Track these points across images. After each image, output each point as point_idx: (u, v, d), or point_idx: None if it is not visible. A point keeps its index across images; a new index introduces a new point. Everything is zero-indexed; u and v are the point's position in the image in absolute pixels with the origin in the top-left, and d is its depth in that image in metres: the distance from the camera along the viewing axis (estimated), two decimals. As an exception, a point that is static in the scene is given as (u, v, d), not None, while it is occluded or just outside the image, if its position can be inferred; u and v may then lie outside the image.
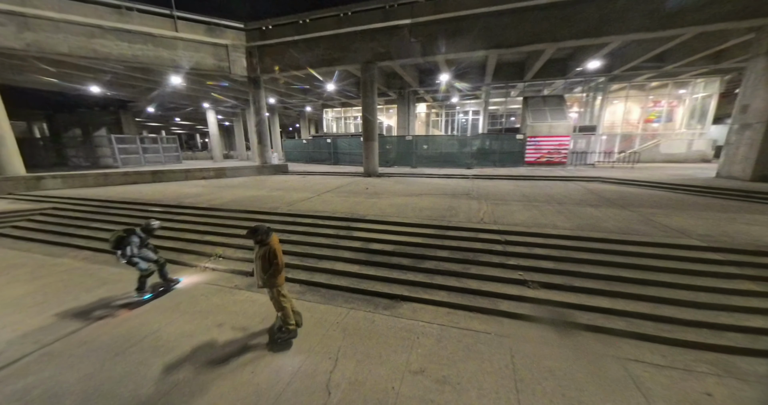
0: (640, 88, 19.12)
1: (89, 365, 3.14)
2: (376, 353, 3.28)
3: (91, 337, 3.61)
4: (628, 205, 7.53)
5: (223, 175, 14.96)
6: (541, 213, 6.79)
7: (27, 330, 3.72)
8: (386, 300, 4.35)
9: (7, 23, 10.08)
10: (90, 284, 4.94)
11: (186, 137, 59.07)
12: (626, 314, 3.75)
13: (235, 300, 4.45)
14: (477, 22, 11.15)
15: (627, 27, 9.82)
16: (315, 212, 6.99)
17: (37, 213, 8.45)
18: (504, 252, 5.03)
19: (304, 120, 33.79)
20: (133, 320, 3.93)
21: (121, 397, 2.73)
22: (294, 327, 3.49)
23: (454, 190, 10.12)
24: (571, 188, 10.27)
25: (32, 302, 4.37)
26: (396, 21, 12.01)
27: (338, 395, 2.73)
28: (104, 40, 11.62)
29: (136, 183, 12.76)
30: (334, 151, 20.67)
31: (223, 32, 14.15)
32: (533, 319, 3.79)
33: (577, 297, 4.05)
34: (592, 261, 4.64)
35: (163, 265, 4.74)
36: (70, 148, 23.01)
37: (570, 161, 16.57)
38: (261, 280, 3.31)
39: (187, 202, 8.43)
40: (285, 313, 3.42)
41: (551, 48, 12.43)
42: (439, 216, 6.55)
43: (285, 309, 3.42)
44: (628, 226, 5.66)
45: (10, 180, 10.77)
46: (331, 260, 5.32)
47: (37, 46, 10.64)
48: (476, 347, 3.36)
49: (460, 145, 17.15)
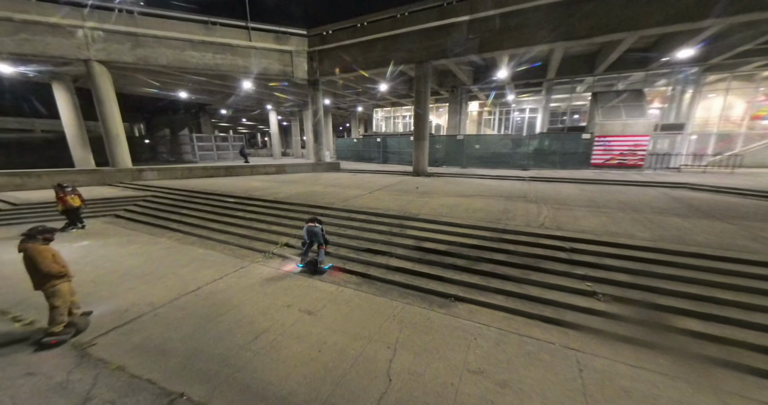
0: (747, 79, 15.99)
1: (188, 328, 3.74)
2: (433, 348, 3.34)
3: (187, 304, 4.28)
4: (726, 216, 6.44)
5: (282, 171, 16.27)
6: (612, 220, 6.16)
7: (142, 294, 4.55)
8: (440, 298, 4.39)
9: (124, 42, 12.24)
10: (183, 261, 5.82)
11: (249, 136, 65.22)
12: (724, 341, 3.26)
13: (299, 285, 4.87)
14: (543, 14, 10.41)
15: (735, 7, 8.31)
16: (368, 209, 7.27)
17: (140, 199, 10.15)
18: (569, 260, 4.70)
19: (355, 119, 34.92)
20: (219, 294, 4.56)
21: (215, 359, 3.21)
22: (60, 329, 3.41)
23: (508, 192, 9.65)
24: (650, 195, 9.08)
25: (143, 272, 5.31)
26: (453, 18, 11.79)
27: (399, 383, 2.86)
28: (193, 52, 13.42)
29: (213, 177, 14.54)
30: (384, 150, 21.05)
31: (288, 39, 15.34)
32: (605, 333, 3.51)
33: (659, 316, 3.63)
34: (678, 277, 4.11)
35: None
36: (161, 145, 27.06)
37: (648, 164, 14.58)
38: (32, 282, 3.36)
39: (256, 194, 9.37)
40: (53, 313, 3.40)
41: (631, 37, 11.05)
42: (494, 218, 6.34)
43: (55, 309, 3.40)
44: (728, 241, 4.86)
45: (122, 171, 13.09)
46: (385, 256, 5.50)
47: (144, 60, 12.73)
48: (539, 355, 3.23)
49: (515, 145, 16.21)
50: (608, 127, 14.55)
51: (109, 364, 3.12)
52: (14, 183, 11.07)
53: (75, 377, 2.94)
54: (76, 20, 11.39)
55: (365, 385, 2.84)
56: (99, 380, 2.91)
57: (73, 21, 11.35)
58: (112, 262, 5.71)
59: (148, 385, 2.86)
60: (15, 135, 29.34)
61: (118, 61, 12.40)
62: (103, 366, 3.10)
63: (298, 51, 15.54)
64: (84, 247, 6.51)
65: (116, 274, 5.23)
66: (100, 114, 12.55)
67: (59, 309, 3.42)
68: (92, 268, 5.39)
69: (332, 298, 4.46)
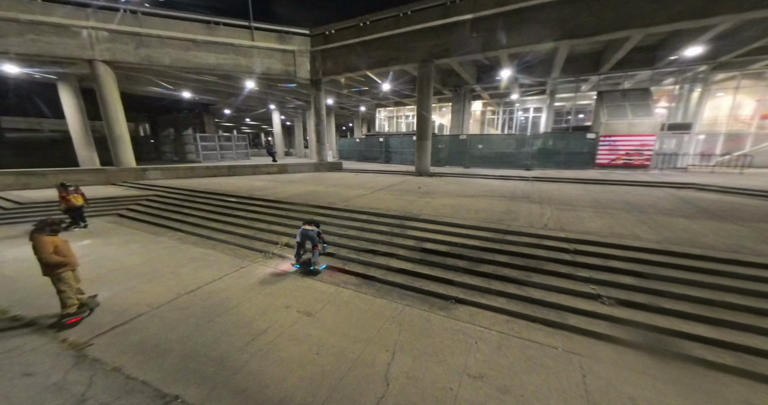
0: (758, 78, 15.67)
1: (186, 328, 3.71)
2: (432, 352, 3.28)
3: (186, 304, 4.26)
4: (736, 218, 6.28)
5: (285, 171, 16.27)
6: (618, 221, 6.04)
7: (142, 294, 4.54)
8: (441, 300, 4.32)
9: (129, 42, 12.32)
10: (183, 260, 5.81)
11: (252, 136, 65.53)
12: (734, 347, 3.16)
13: (298, 285, 4.83)
14: (547, 11, 10.28)
15: (749, 2, 8.11)
16: (370, 209, 7.21)
17: (143, 199, 10.19)
18: (573, 262, 4.60)
19: (358, 119, 34.90)
20: (218, 295, 4.53)
21: (212, 361, 3.17)
22: (74, 310, 3.80)
23: (511, 192, 9.54)
24: (657, 195, 8.91)
25: (143, 271, 5.31)
26: (456, 17, 11.69)
27: (397, 387, 2.80)
28: (196, 52, 13.47)
29: (216, 176, 14.58)
30: (386, 150, 20.98)
31: (291, 39, 15.33)
32: (609, 338, 3.41)
33: (667, 320, 3.53)
34: (687, 281, 4.00)
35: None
36: (165, 145, 27.26)
37: (654, 164, 14.35)
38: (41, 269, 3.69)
39: (257, 194, 9.36)
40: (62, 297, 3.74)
41: (638, 35, 10.87)
42: (496, 219, 6.25)
43: (62, 293, 3.73)
44: (738, 244, 4.73)
45: (125, 170, 13.17)
46: (385, 256, 5.44)
47: (148, 60, 12.80)
48: (541, 360, 3.15)
49: (519, 144, 16.05)
50: (614, 127, 14.35)
51: (106, 365, 3.10)
52: (21, 182, 11.19)
53: (71, 378, 2.92)
54: (81, 20, 11.48)
55: (363, 390, 2.78)
56: (95, 381, 2.89)
57: (78, 21, 11.44)
58: (113, 261, 5.72)
59: (144, 387, 2.83)
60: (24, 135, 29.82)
61: (122, 61, 12.48)
62: (100, 367, 3.08)
63: (301, 51, 15.53)
64: (86, 246, 6.54)
65: (116, 273, 5.24)
66: (104, 114, 12.63)
67: (66, 293, 3.75)
68: (93, 267, 5.40)
69: (331, 299, 4.41)
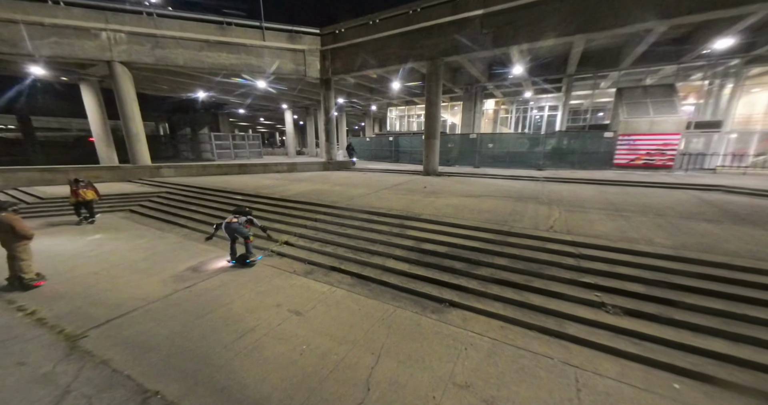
0: (797, 71, 14.48)
1: (177, 324, 3.73)
2: (419, 357, 3.15)
3: (180, 300, 4.30)
4: (766, 223, 5.78)
5: (294, 169, 16.43)
6: (631, 225, 5.68)
7: (139, 288, 4.62)
8: (434, 303, 4.17)
9: (145, 43, 12.73)
10: (185, 257, 5.91)
11: (267, 135, 66.82)
12: (754, 366, 2.86)
13: (292, 284, 4.80)
14: (560, 4, 9.84)
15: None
16: (371, 208, 7.12)
17: (155, 195, 10.51)
18: (577, 267, 4.34)
19: (369, 118, 34.89)
20: (213, 291, 4.56)
21: (197, 357, 3.17)
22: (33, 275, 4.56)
23: (520, 192, 9.21)
24: (679, 198, 8.37)
25: (144, 267, 5.43)
26: (466, 13, 11.39)
27: (377, 393, 2.70)
28: (209, 52, 13.77)
29: (227, 174, 14.88)
30: (396, 149, 20.84)
31: (301, 38, 15.42)
32: (611, 349, 3.17)
33: (677, 333, 3.25)
34: (702, 290, 3.68)
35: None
36: (182, 143, 28.16)
37: (678, 165, 13.54)
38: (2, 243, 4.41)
39: (263, 192, 9.46)
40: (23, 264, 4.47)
41: (662, 27, 10.24)
42: (500, 220, 6.02)
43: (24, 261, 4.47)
44: (765, 251, 4.32)
45: (140, 168, 13.66)
46: (382, 256, 5.34)
47: (163, 60, 13.19)
48: (533, 371, 2.96)
49: (532, 144, 15.54)
50: (633, 125, 13.63)
51: (95, 358, 3.15)
52: (45, 178, 11.79)
53: (60, 369, 2.98)
54: (101, 23, 11.95)
55: (341, 394, 2.69)
56: (81, 373, 2.93)
57: (98, 24, 11.92)
58: (118, 256, 5.88)
59: (127, 381, 2.85)
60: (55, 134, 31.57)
61: (138, 62, 12.91)
62: (89, 359, 3.13)
63: (311, 50, 15.60)
64: (95, 241, 6.77)
65: (119, 267, 5.38)
66: (121, 113, 13.11)
67: (27, 261, 4.50)
68: (97, 261, 5.57)
69: (323, 298, 4.35)
